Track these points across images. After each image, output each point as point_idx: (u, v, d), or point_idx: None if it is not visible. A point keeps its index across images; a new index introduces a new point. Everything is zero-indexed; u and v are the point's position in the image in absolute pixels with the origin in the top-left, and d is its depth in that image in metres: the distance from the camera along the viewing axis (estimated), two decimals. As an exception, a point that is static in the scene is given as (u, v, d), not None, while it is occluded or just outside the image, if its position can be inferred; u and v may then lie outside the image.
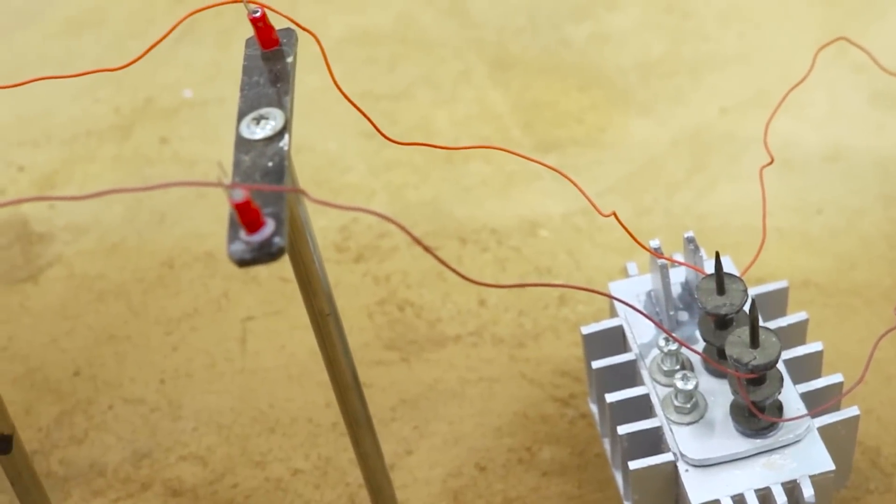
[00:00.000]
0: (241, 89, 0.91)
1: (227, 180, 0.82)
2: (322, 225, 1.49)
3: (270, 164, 0.83)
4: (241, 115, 0.88)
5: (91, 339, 1.40)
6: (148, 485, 1.26)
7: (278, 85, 0.89)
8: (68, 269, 1.48)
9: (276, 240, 0.77)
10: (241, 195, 0.77)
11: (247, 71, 0.92)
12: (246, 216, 0.77)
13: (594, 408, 1.18)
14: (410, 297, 1.41)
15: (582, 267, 1.43)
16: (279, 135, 0.85)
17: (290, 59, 0.92)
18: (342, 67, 1.72)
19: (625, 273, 1.43)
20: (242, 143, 0.85)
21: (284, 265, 1.44)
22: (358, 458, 1.07)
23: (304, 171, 1.57)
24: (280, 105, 0.87)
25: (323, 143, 1.61)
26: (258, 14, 0.94)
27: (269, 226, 0.78)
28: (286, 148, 0.84)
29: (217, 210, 1.53)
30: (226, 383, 1.34)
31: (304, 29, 0.97)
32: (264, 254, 0.77)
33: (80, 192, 1.58)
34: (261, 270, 1.45)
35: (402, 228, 0.80)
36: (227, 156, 1.62)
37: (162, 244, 1.50)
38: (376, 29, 1.79)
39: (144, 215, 1.53)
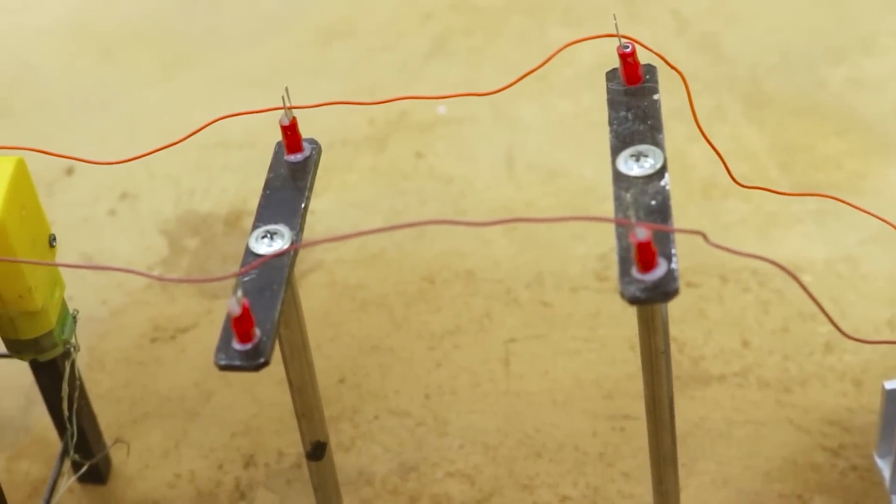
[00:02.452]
0: (610, 124, 0.92)
1: (618, 217, 0.82)
2: (581, 252, 1.50)
3: (653, 202, 0.84)
4: (616, 151, 0.88)
5: (354, 347, 1.42)
6: (416, 498, 1.27)
7: (649, 122, 0.90)
8: (329, 276, 1.50)
9: (672, 282, 0.77)
10: (644, 234, 0.77)
11: (612, 105, 0.93)
12: (644, 255, 0.78)
13: (881, 462, 1.17)
14: (672, 332, 1.40)
15: (847, 315, 1.41)
16: (659, 173, 0.85)
17: (656, 97, 0.92)
18: (593, 95, 1.73)
19: (892, 325, 1.41)
20: (622, 179, 0.86)
21: (546, 289, 1.45)
22: (656, 496, 1.07)
23: (562, 196, 1.58)
24: (655, 143, 0.88)
25: (578, 168, 1.62)
26: (629, 49, 0.94)
27: (662, 266, 0.79)
28: (668, 187, 0.84)
29: (477, 230, 1.54)
30: (491, 403, 1.35)
31: (672, 67, 0.97)
32: (659, 293, 0.77)
33: (338, 200, 1.61)
34: (522, 293, 1.46)
35: (793, 276, 0.80)
36: (481, 175, 1.64)
37: (422, 258, 1.51)
38: (627, 58, 1.79)
39: (403, 229, 1.55)
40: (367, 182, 1.63)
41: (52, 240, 0.99)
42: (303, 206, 0.93)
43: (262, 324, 0.84)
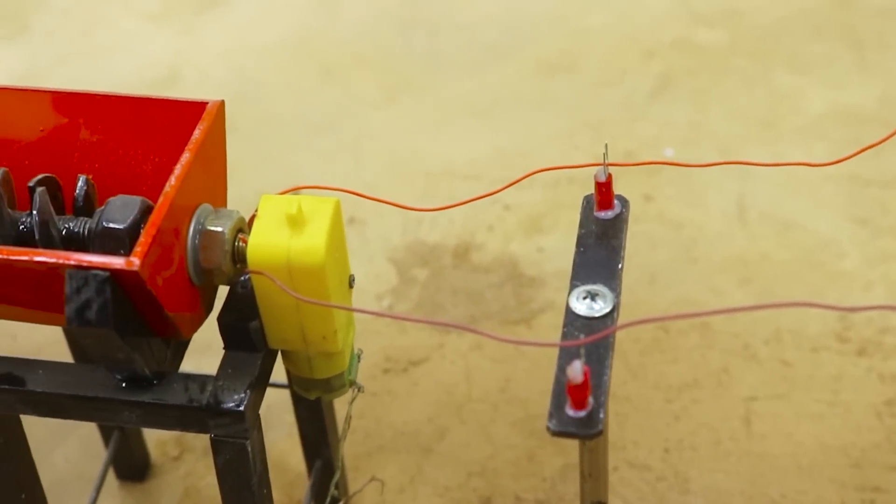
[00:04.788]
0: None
1: None
2: (821, 311, 1.46)
3: None
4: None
5: (589, 394, 1.40)
6: (658, 556, 1.25)
7: None
8: (560, 318, 1.48)
9: None
10: None
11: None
12: None
13: None
14: (914, 399, 1.37)
15: None
16: None
17: None
18: (823, 146, 1.69)
19: None
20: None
21: (786, 347, 1.42)
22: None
23: (796, 250, 1.55)
24: None
25: (813, 222, 1.58)
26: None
27: None
28: None
29: (710, 279, 1.51)
30: (733, 463, 1.32)
31: None
32: None
33: (566, 239, 1.59)
34: (760, 349, 1.43)
35: None
36: (712, 222, 1.61)
37: (654, 306, 1.49)
38: (859, 108, 1.75)
39: (634, 273, 1.53)
40: (596, 222, 1.60)
41: (351, 281, 0.98)
42: (620, 266, 0.91)
43: (595, 390, 0.82)
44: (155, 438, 1.38)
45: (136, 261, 0.84)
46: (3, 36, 1.99)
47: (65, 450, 1.39)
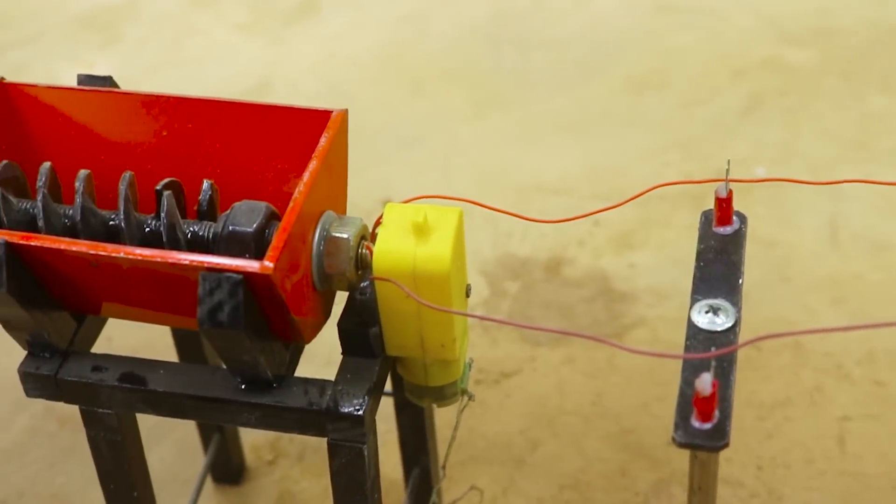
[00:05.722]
0: None
1: None
2: (913, 332, 1.46)
3: None
4: None
5: (682, 409, 1.40)
6: (753, 573, 1.25)
7: None
8: (652, 333, 1.49)
9: None
10: None
11: None
12: None
13: None
14: None
15: None
16: None
17: None
18: (916, 167, 1.69)
19: None
20: None
21: (879, 367, 1.41)
22: None
23: (891, 270, 1.55)
24: None
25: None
26: None
27: None
28: None
29: (802, 298, 1.51)
30: (826, 482, 1.32)
31: None
32: None
33: (657, 256, 1.60)
34: (853, 369, 1.43)
35: None
36: (804, 242, 1.61)
37: (747, 324, 1.47)
38: (951, 132, 1.75)
39: (726, 291, 1.53)
40: (686, 239, 1.61)
41: (468, 290, 0.99)
42: (740, 281, 0.92)
43: (721, 403, 0.83)
44: (249, 443, 1.40)
45: (270, 264, 0.85)
46: (96, 44, 2.02)
47: (160, 451, 1.41)
